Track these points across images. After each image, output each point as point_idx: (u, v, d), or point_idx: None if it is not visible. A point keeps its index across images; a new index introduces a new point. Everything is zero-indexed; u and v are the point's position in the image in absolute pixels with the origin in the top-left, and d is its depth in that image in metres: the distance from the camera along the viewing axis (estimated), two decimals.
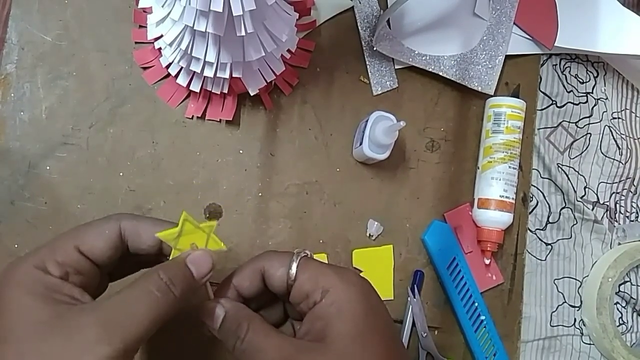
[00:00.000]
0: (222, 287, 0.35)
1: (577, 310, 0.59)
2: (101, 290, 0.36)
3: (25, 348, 0.27)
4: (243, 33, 0.39)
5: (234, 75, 0.45)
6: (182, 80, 0.49)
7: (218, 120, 0.51)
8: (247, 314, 0.33)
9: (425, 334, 0.52)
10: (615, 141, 0.61)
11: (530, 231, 0.58)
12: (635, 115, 0.63)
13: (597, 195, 0.60)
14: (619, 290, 0.59)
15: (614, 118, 0.62)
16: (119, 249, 0.33)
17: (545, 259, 0.59)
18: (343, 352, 0.30)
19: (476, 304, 0.53)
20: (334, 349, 0.30)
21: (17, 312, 0.28)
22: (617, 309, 0.59)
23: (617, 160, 0.61)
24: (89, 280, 0.32)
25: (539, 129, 0.59)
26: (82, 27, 0.50)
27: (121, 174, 0.49)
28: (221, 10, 0.36)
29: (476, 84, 0.56)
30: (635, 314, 0.60)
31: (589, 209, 0.59)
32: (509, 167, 0.53)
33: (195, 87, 0.48)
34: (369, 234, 0.53)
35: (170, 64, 0.48)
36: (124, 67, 0.50)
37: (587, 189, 0.60)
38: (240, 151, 0.51)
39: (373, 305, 0.33)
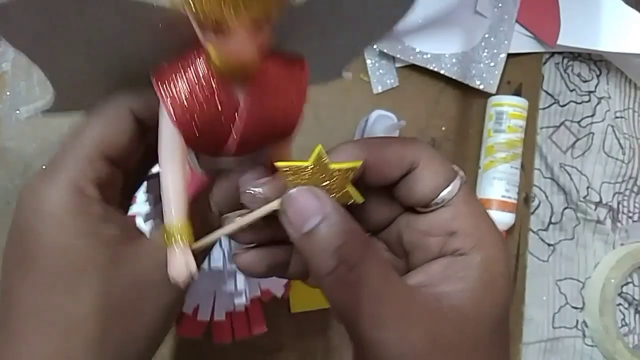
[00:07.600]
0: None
1: (580, 311, 0.58)
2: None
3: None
4: None
5: None
6: None
7: None
8: (364, 239, 0.22)
9: None
10: (618, 140, 0.60)
11: (532, 232, 0.58)
12: (638, 115, 0.62)
13: (599, 195, 0.60)
14: (622, 292, 0.59)
15: (617, 117, 0.61)
16: (135, 137, 0.25)
17: (547, 260, 0.58)
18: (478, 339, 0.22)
19: None
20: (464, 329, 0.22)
21: (58, 255, 0.23)
22: (620, 311, 0.59)
23: (620, 160, 0.60)
24: (116, 191, 0.25)
25: (541, 128, 0.59)
26: None
27: None
28: None
29: (478, 83, 0.55)
30: (637, 316, 0.59)
31: (591, 209, 0.59)
32: (511, 166, 0.53)
33: None
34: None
35: None
36: None
37: (589, 189, 0.60)
38: None
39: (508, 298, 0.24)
